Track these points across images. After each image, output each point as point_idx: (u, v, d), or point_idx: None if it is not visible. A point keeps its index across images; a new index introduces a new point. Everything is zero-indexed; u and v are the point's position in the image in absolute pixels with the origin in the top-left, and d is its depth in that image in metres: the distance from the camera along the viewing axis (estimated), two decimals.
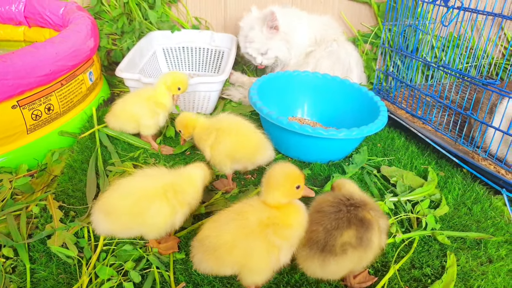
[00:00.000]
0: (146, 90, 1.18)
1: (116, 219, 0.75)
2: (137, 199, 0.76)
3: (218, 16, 1.80)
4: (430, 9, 1.51)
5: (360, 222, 0.69)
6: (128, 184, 0.78)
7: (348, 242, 0.68)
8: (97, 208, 0.76)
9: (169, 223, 0.79)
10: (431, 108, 1.36)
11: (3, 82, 0.97)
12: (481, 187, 1.09)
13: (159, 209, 0.76)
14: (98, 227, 0.76)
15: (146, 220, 0.76)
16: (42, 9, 1.47)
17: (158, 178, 0.80)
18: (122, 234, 0.78)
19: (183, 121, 1.04)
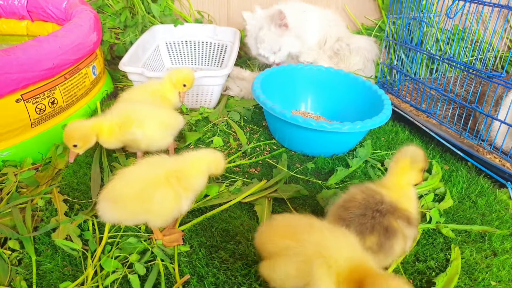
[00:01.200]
0: (152, 84, 1.18)
1: (123, 207, 0.76)
2: (142, 186, 0.76)
3: (221, 9, 1.79)
4: (435, 2, 1.50)
5: (384, 230, 0.69)
6: (133, 172, 0.79)
7: (369, 247, 0.68)
8: (103, 197, 0.77)
9: (175, 209, 0.79)
10: (436, 101, 1.35)
11: (7, 76, 0.97)
12: (486, 180, 1.09)
13: (164, 195, 0.77)
14: (105, 215, 0.77)
15: (151, 207, 0.77)
16: (45, 3, 1.47)
17: (161, 165, 0.80)
18: (128, 221, 0.79)
19: (82, 132, 0.93)
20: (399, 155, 0.76)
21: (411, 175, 0.75)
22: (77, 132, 0.93)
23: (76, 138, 0.92)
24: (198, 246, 0.84)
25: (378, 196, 0.72)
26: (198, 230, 0.88)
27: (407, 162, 0.75)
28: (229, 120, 1.34)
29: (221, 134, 1.27)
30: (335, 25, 1.59)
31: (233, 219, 0.92)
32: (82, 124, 0.95)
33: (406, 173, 0.75)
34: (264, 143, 1.24)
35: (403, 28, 1.41)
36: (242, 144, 1.21)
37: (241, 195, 0.97)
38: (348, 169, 1.10)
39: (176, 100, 1.18)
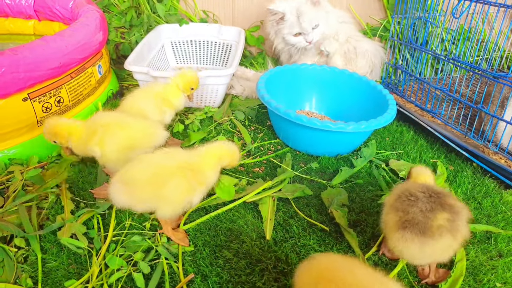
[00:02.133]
0: (155, 86, 1.17)
1: (134, 190, 0.77)
2: (156, 172, 0.77)
3: (226, 9, 1.80)
4: (441, 1, 1.49)
5: (451, 207, 0.70)
6: (149, 159, 0.80)
7: (441, 225, 0.68)
8: (117, 179, 0.78)
9: (186, 199, 0.80)
10: (441, 101, 1.35)
11: (14, 75, 0.97)
12: (492, 181, 1.09)
13: (178, 184, 0.78)
14: (116, 197, 0.78)
15: (163, 193, 0.77)
16: (52, 2, 1.48)
17: (178, 157, 0.81)
18: (138, 206, 0.79)
19: (53, 129, 0.93)
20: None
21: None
22: (50, 129, 0.93)
23: (51, 135, 0.93)
24: (202, 245, 0.85)
25: (430, 184, 0.76)
26: (203, 229, 0.89)
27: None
28: (233, 119, 1.35)
29: (226, 133, 1.27)
30: (345, 22, 1.58)
31: (237, 219, 0.92)
32: (56, 122, 0.94)
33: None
34: (268, 142, 1.24)
35: (408, 28, 1.40)
36: (247, 144, 1.22)
37: (245, 195, 0.97)
38: (352, 169, 1.10)
39: (179, 103, 1.18)
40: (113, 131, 0.92)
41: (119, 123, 0.94)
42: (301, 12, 1.42)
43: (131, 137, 0.94)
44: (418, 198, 0.71)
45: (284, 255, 0.83)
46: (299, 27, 1.44)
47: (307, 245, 0.86)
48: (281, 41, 1.53)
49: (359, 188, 1.04)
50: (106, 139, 0.91)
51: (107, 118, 0.95)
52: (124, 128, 0.94)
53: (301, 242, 0.86)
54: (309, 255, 0.82)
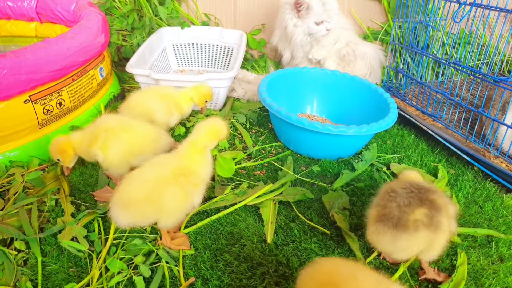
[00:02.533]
0: (167, 88, 1.18)
1: (135, 210, 0.77)
2: (151, 187, 0.77)
3: (228, 12, 1.80)
4: (441, 6, 1.49)
5: (431, 203, 0.72)
6: (140, 175, 0.79)
7: (419, 219, 0.70)
8: (115, 202, 0.77)
9: (186, 207, 0.80)
10: (442, 105, 1.35)
11: (16, 77, 0.98)
12: (493, 185, 1.08)
13: (173, 194, 0.78)
14: (119, 220, 0.77)
15: (163, 206, 0.77)
16: (54, 5, 1.48)
17: (167, 165, 0.81)
18: (142, 223, 0.79)
19: (58, 148, 0.96)
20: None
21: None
22: (54, 148, 0.96)
23: (56, 154, 0.97)
24: (203, 249, 0.85)
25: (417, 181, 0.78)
26: (203, 233, 0.89)
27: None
28: (235, 122, 1.35)
29: None
30: (345, 28, 1.59)
31: (238, 222, 0.92)
32: (58, 140, 0.97)
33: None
34: (269, 145, 1.24)
35: (409, 31, 1.40)
36: (248, 146, 1.22)
37: (246, 198, 0.97)
38: (353, 172, 1.09)
39: (187, 111, 1.21)
40: (117, 134, 0.92)
41: (124, 127, 0.95)
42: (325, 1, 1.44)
43: (135, 142, 0.94)
44: (398, 194, 0.74)
45: (285, 258, 0.83)
46: (326, 14, 1.45)
47: (308, 249, 0.86)
48: (301, 32, 1.52)
49: (360, 192, 1.04)
50: (110, 142, 0.91)
51: (111, 122, 0.95)
52: (128, 131, 0.94)
53: (302, 246, 0.86)
54: (311, 259, 0.82)
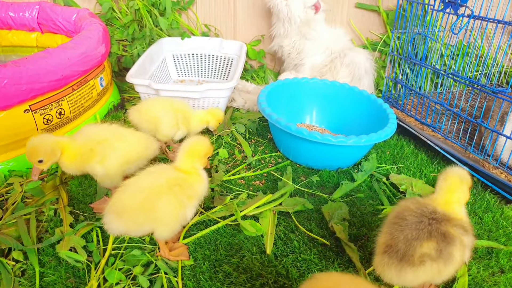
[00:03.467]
0: (181, 104, 1.19)
1: (128, 218, 0.76)
2: (146, 195, 0.77)
3: (228, 23, 1.81)
4: (440, 17, 1.51)
5: (442, 236, 0.69)
6: (135, 183, 0.79)
7: (427, 253, 0.68)
8: (109, 210, 0.76)
9: (180, 217, 0.79)
10: (441, 116, 1.35)
11: (17, 86, 0.98)
12: (492, 196, 1.08)
13: (167, 203, 0.77)
14: (111, 227, 0.76)
15: (156, 215, 0.77)
16: (55, 15, 1.49)
17: (163, 174, 0.81)
18: (135, 232, 0.78)
19: (47, 145, 0.86)
20: (448, 174, 0.77)
21: (460, 194, 0.75)
22: (43, 146, 0.86)
23: (41, 153, 0.85)
24: (202, 260, 0.84)
25: (430, 207, 0.73)
26: (202, 243, 0.88)
27: (457, 180, 0.75)
28: (234, 132, 1.35)
29: (226, 146, 1.27)
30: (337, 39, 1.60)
31: (238, 233, 0.91)
32: (48, 138, 0.88)
33: (456, 192, 0.75)
34: (269, 155, 1.24)
35: (408, 43, 1.41)
36: (247, 156, 1.22)
37: (246, 209, 0.97)
38: (353, 183, 1.09)
39: (196, 129, 1.22)
40: (113, 146, 0.91)
41: (117, 137, 0.93)
42: None
43: (130, 150, 0.93)
44: (407, 223, 0.71)
45: (285, 269, 0.83)
46: None
47: (308, 260, 0.85)
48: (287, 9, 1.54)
49: (360, 202, 1.04)
50: (107, 155, 0.90)
51: (103, 133, 0.92)
52: (122, 141, 0.93)
53: (302, 257, 0.86)
54: (310, 270, 0.82)
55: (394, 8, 1.75)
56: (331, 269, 0.84)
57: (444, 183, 0.76)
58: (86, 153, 0.89)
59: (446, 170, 0.78)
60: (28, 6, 1.53)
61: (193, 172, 0.84)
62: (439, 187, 0.76)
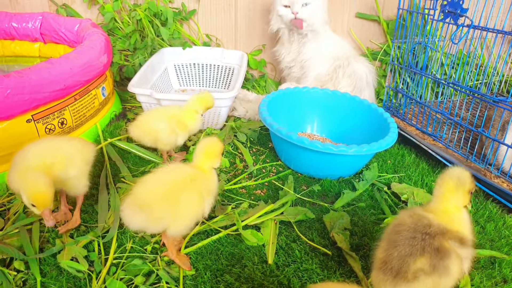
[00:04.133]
0: (172, 108, 1.19)
1: (150, 211, 0.75)
2: (169, 188, 0.77)
3: (229, 33, 1.83)
4: (440, 27, 1.52)
5: (436, 251, 0.69)
6: (156, 178, 0.80)
7: (421, 268, 0.68)
8: (128, 204, 0.76)
9: (199, 212, 0.80)
10: (442, 125, 1.36)
11: (19, 96, 0.99)
12: (494, 205, 1.08)
13: (189, 196, 0.78)
14: (131, 221, 0.76)
15: (177, 209, 0.77)
16: (58, 26, 1.51)
17: (182, 171, 0.82)
18: (152, 227, 0.77)
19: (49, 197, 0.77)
20: (443, 178, 0.75)
21: (457, 197, 0.73)
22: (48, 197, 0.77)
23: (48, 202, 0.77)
24: (203, 270, 0.84)
25: (425, 220, 0.72)
26: (204, 253, 0.88)
27: (451, 185, 0.73)
28: (235, 141, 1.35)
29: (228, 155, 1.27)
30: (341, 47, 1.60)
31: (239, 242, 0.91)
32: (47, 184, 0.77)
33: (452, 196, 0.73)
34: (270, 164, 1.24)
35: (408, 52, 1.42)
36: (248, 165, 1.22)
37: (247, 218, 0.97)
38: (354, 192, 1.09)
39: (194, 126, 1.19)
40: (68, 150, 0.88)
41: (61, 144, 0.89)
42: None
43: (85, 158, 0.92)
44: (402, 239, 0.70)
45: (287, 279, 0.82)
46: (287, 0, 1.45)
47: (310, 270, 0.85)
48: (275, 15, 1.53)
49: (362, 212, 1.03)
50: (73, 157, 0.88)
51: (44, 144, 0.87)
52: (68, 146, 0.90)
53: (304, 267, 0.85)
54: (312, 280, 0.82)
55: (394, 18, 1.77)
56: (333, 279, 0.83)
57: (439, 191, 0.75)
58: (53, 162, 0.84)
59: (443, 173, 0.75)
60: (31, 17, 1.55)
61: (208, 171, 0.85)
62: (435, 195, 0.75)
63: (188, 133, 1.19)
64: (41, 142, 0.89)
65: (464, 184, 0.73)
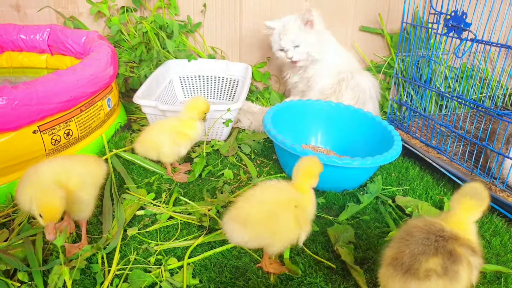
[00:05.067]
0: (171, 120, 1.19)
1: (252, 228, 0.77)
2: (270, 208, 0.78)
3: (234, 46, 1.85)
4: (443, 41, 1.53)
5: (448, 254, 0.69)
6: (256, 195, 0.81)
7: (433, 269, 0.68)
8: (232, 218, 0.79)
9: (295, 236, 0.80)
10: (446, 138, 1.35)
11: (27, 107, 1.00)
12: (500, 219, 1.07)
13: (288, 219, 0.79)
14: (234, 236, 0.78)
15: (276, 229, 0.78)
16: (65, 38, 1.53)
17: (284, 191, 0.83)
18: (253, 243, 0.80)
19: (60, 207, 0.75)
20: (462, 194, 0.75)
21: (473, 216, 0.74)
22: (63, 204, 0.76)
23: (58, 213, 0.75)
24: (207, 282, 0.83)
25: (438, 225, 0.72)
26: (208, 265, 0.88)
27: (469, 204, 0.73)
28: (239, 152, 1.35)
29: (232, 166, 1.28)
30: (346, 61, 1.61)
31: (243, 255, 0.91)
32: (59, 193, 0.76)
33: (469, 214, 0.74)
34: (274, 176, 1.24)
35: (412, 65, 1.43)
36: (252, 177, 1.22)
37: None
38: (359, 205, 1.09)
39: (195, 135, 1.19)
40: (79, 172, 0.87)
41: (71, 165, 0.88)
42: (285, 30, 1.48)
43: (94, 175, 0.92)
44: (414, 238, 0.70)
45: None
46: (278, 44, 1.51)
47: (314, 283, 0.84)
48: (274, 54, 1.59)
49: (366, 225, 1.03)
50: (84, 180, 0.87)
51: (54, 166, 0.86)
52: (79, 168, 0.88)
53: (308, 280, 0.85)
54: None
55: (398, 31, 1.78)
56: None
57: (456, 206, 0.74)
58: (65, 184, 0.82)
59: (461, 189, 0.75)
60: (39, 29, 1.57)
61: (307, 192, 0.84)
62: (452, 206, 0.75)
63: (190, 142, 1.19)
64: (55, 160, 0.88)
65: (481, 206, 0.73)
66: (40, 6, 1.76)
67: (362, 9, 1.78)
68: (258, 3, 1.77)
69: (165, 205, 1.07)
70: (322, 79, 1.56)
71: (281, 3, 1.77)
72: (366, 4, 1.77)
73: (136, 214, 1.03)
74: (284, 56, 1.53)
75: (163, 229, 0.99)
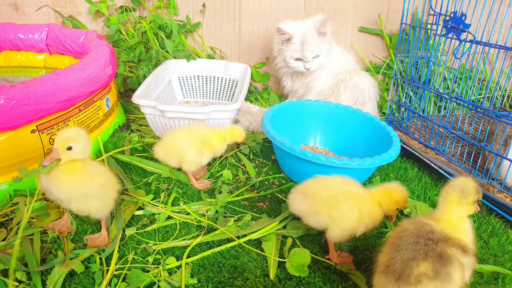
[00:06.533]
0: (199, 128, 1.20)
1: (312, 202, 0.86)
2: (335, 193, 0.85)
3: (233, 46, 1.85)
4: (442, 42, 1.53)
5: (439, 257, 0.69)
6: (329, 179, 0.90)
7: (424, 273, 0.68)
8: (297, 189, 0.90)
9: (356, 227, 0.85)
10: (444, 139, 1.36)
11: (25, 107, 0.99)
12: (497, 220, 1.08)
13: (350, 210, 0.84)
14: (294, 204, 0.89)
15: (335, 214, 0.84)
16: (64, 37, 1.52)
17: (354, 185, 0.89)
18: (311, 219, 0.88)
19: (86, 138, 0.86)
20: (447, 190, 0.75)
21: (461, 209, 0.74)
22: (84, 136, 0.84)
23: (80, 140, 0.83)
24: (205, 282, 0.83)
25: (427, 227, 0.72)
26: (206, 265, 0.88)
27: (455, 198, 0.73)
28: (238, 153, 1.35)
29: (230, 167, 1.28)
30: (345, 62, 1.61)
31: (241, 255, 0.91)
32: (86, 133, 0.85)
33: (456, 209, 0.74)
34: (273, 176, 1.24)
35: (411, 66, 1.43)
36: (251, 178, 1.22)
37: (249, 232, 0.96)
38: None
39: (220, 149, 1.21)
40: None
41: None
42: (306, 40, 1.42)
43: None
44: (405, 243, 0.71)
45: None
46: (300, 53, 1.44)
47: (312, 283, 0.84)
48: (282, 60, 1.54)
49: None
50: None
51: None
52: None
53: (306, 280, 0.85)
54: None
55: (397, 32, 1.78)
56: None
57: (443, 203, 0.75)
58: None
59: (447, 185, 0.76)
60: (37, 28, 1.57)
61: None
62: (439, 206, 0.76)
63: (213, 154, 1.20)
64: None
65: (467, 197, 0.73)
66: (38, 5, 1.76)
67: (361, 10, 1.79)
68: (258, 3, 1.77)
69: (164, 205, 1.07)
70: (321, 82, 1.56)
71: (281, 3, 1.77)
72: (366, 5, 1.77)
73: (135, 214, 1.03)
74: (299, 66, 1.47)
75: (162, 229, 0.99)
